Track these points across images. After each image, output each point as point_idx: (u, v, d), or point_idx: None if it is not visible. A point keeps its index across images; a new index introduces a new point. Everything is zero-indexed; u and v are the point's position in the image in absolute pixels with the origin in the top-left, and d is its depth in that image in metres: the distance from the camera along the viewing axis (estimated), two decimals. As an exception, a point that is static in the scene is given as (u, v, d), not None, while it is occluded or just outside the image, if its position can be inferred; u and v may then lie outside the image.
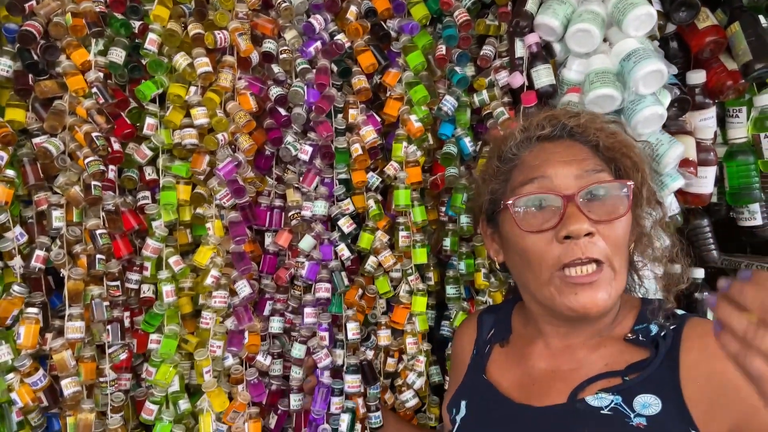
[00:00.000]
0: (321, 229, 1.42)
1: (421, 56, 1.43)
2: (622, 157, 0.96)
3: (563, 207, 0.88)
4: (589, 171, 0.91)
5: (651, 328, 0.92)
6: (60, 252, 1.29)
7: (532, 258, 0.91)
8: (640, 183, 0.95)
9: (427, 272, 1.54)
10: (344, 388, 1.40)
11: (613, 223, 0.89)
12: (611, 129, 0.99)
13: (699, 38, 1.44)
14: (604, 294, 0.87)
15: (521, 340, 1.06)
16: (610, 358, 0.92)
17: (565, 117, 0.99)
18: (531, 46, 1.39)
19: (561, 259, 0.87)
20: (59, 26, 1.27)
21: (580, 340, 0.96)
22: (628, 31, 1.30)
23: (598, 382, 0.89)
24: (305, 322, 1.39)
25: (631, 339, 0.93)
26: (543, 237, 0.90)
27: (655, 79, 1.25)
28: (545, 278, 0.90)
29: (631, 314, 0.97)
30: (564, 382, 0.93)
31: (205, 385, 1.32)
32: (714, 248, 1.61)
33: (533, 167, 0.95)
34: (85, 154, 1.28)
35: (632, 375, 0.88)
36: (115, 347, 1.34)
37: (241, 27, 1.35)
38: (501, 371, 1.04)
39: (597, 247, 0.87)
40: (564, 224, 0.87)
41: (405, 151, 1.45)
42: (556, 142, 0.98)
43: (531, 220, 0.91)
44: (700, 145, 1.48)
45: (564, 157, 0.94)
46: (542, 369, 0.98)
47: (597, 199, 0.90)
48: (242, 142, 1.35)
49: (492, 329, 1.13)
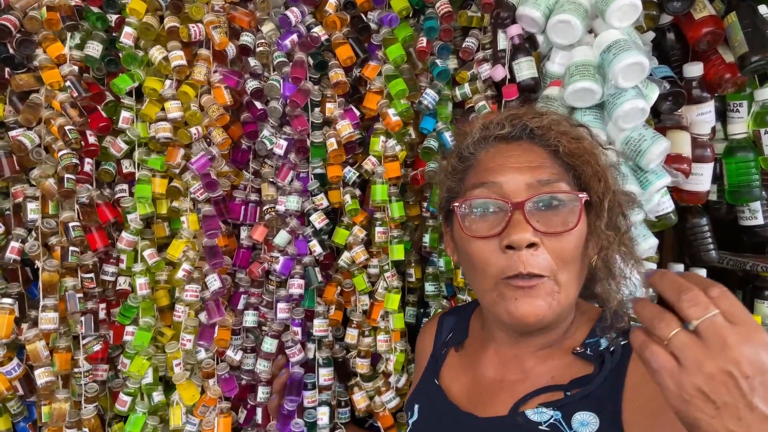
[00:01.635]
0: (296, 224, 1.41)
1: (400, 49, 1.39)
2: (583, 165, 0.89)
3: (509, 214, 0.84)
4: (542, 181, 0.86)
5: (601, 342, 0.88)
6: (35, 244, 1.31)
7: (476, 264, 0.87)
8: (602, 193, 0.88)
9: (409, 269, 1.51)
10: (318, 381, 1.40)
11: (562, 235, 0.84)
12: (576, 133, 0.93)
13: (696, 29, 1.37)
14: (543, 303, 0.82)
15: (476, 344, 1.02)
16: (556, 371, 0.88)
17: (528, 117, 0.94)
18: (513, 37, 1.35)
19: (504, 271, 0.83)
20: (34, 20, 1.28)
21: (530, 350, 0.92)
22: (611, 22, 1.24)
23: (540, 396, 0.86)
24: (278, 318, 1.38)
25: (579, 353, 0.88)
26: (488, 244, 0.85)
27: (636, 72, 1.19)
28: (489, 286, 0.86)
29: (586, 326, 0.92)
30: (509, 392, 0.89)
31: (175, 377, 1.33)
32: (713, 248, 1.54)
33: (486, 170, 0.91)
34: (59, 147, 1.29)
35: (574, 390, 0.84)
36: (89, 338, 1.36)
37: (217, 20, 1.35)
38: (453, 376, 1.01)
39: (539, 260, 0.82)
40: (507, 233, 0.83)
41: (383, 145, 1.42)
42: (513, 143, 0.93)
43: (476, 226, 0.87)
44: (696, 140, 1.41)
45: (519, 163, 0.89)
46: (490, 377, 0.94)
47: (548, 209, 0.85)
48: (215, 135, 1.34)
49: (451, 332, 1.10)
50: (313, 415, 1.39)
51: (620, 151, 1.27)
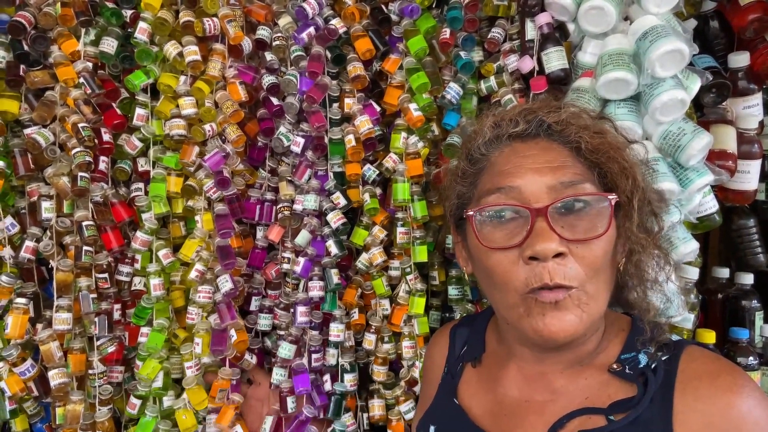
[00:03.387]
0: (316, 223, 1.36)
1: (422, 41, 1.33)
2: (609, 162, 0.82)
3: (531, 222, 0.76)
4: (565, 183, 0.78)
5: (640, 358, 0.80)
6: (49, 243, 1.29)
7: (496, 279, 0.80)
8: (630, 192, 0.81)
9: (432, 271, 1.45)
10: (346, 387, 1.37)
11: (591, 242, 0.76)
12: (598, 127, 0.85)
13: (742, 16, 1.28)
14: (573, 317, 0.75)
15: (494, 360, 0.94)
16: (591, 392, 0.80)
17: (543, 111, 0.86)
18: (542, 27, 1.27)
19: (528, 283, 0.75)
20: (49, 16, 1.26)
21: (557, 368, 0.84)
22: (648, 8, 1.15)
23: (577, 419, 0.78)
24: (298, 321, 1.34)
25: (616, 371, 0.80)
26: (508, 255, 0.78)
27: (675, 61, 1.10)
28: (513, 301, 0.79)
29: (618, 339, 0.84)
30: (537, 414, 0.82)
31: (185, 381, 1.30)
32: (761, 251, 1.45)
33: (501, 174, 0.83)
34: (72, 145, 1.27)
35: (618, 415, 0.75)
36: (103, 340, 1.34)
37: (232, 14, 1.31)
38: (472, 394, 0.93)
39: (568, 271, 0.74)
40: (530, 243, 0.75)
41: (404, 142, 1.36)
42: (530, 142, 0.85)
43: (494, 236, 0.80)
44: (742, 135, 1.31)
45: (537, 163, 0.81)
46: (514, 398, 0.86)
47: (573, 213, 0.77)
48: (230, 132, 1.30)
49: (465, 345, 1.02)
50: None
51: (658, 146, 1.18)
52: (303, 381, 1.29)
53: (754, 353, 1.37)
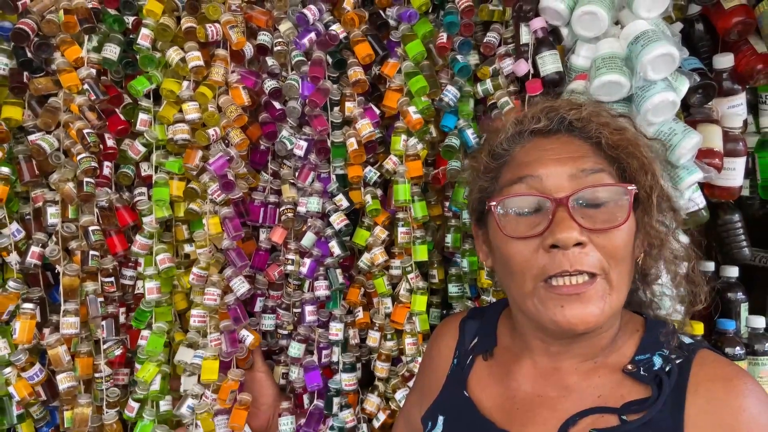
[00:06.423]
0: (321, 225, 1.39)
1: (420, 45, 1.36)
2: (628, 157, 0.84)
3: (552, 211, 0.78)
4: (586, 171, 0.81)
5: (654, 360, 0.82)
6: (55, 248, 1.30)
7: (515, 267, 0.82)
8: (649, 187, 0.83)
9: (431, 270, 1.48)
10: (341, 387, 1.38)
11: (610, 232, 0.78)
12: (618, 124, 0.88)
13: (726, 19, 1.32)
14: (594, 308, 0.77)
15: (507, 354, 0.96)
16: (604, 390, 0.82)
17: (565, 109, 0.88)
18: (536, 31, 1.31)
19: (546, 269, 0.78)
20: (52, 23, 1.27)
21: (572, 364, 0.86)
22: (639, 12, 1.20)
23: (589, 417, 0.79)
24: (306, 320, 1.37)
25: (631, 372, 0.82)
26: (528, 244, 0.80)
27: (666, 64, 1.15)
28: (528, 290, 0.81)
29: (633, 340, 0.86)
30: (549, 410, 0.83)
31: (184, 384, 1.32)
32: (746, 245, 1.49)
33: (523, 165, 0.85)
34: (77, 150, 1.28)
35: (632, 416, 0.77)
36: (110, 343, 1.35)
37: (234, 19, 1.33)
38: (483, 387, 0.94)
39: (589, 258, 0.76)
40: (551, 231, 0.77)
41: (404, 144, 1.39)
42: (551, 137, 0.88)
43: (516, 225, 0.82)
44: (727, 134, 1.36)
45: (558, 154, 0.83)
46: (527, 392, 0.88)
47: (593, 204, 0.79)
48: (233, 136, 1.32)
49: (475, 338, 1.03)
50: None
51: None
52: (315, 377, 1.32)
53: (741, 344, 1.42)
